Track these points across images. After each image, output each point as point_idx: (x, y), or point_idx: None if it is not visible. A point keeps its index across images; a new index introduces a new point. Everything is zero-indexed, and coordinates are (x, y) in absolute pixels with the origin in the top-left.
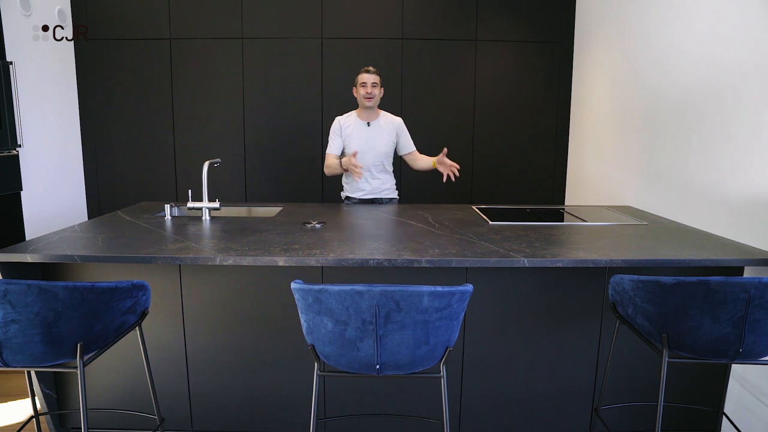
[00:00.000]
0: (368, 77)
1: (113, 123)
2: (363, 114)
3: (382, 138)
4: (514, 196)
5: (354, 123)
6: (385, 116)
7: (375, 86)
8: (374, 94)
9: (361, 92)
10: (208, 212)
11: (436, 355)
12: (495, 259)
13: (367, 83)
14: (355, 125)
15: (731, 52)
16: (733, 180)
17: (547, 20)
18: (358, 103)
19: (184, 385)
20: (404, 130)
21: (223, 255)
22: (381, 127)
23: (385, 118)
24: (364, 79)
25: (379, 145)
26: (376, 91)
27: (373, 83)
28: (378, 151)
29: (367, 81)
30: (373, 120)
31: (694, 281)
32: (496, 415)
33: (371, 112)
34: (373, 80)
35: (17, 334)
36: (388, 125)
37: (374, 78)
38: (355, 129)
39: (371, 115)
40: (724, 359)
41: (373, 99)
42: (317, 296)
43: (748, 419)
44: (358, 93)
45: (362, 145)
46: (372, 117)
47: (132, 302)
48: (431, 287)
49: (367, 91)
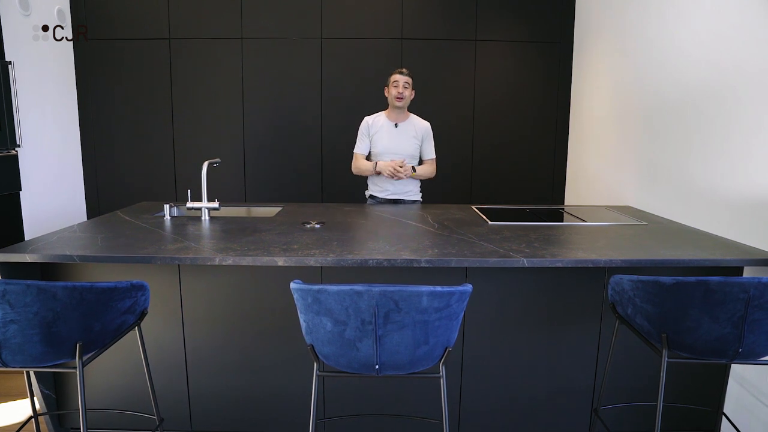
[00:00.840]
0: (401, 78)
1: (112, 123)
2: (392, 114)
3: (409, 140)
4: (514, 196)
5: (382, 123)
6: (414, 119)
7: (407, 87)
8: (405, 95)
9: (393, 92)
10: (207, 212)
11: (435, 355)
12: (494, 259)
13: (399, 83)
14: (383, 125)
15: (730, 52)
16: (732, 180)
17: (547, 20)
18: (389, 103)
19: (183, 385)
20: (429, 136)
21: (223, 255)
22: (408, 129)
23: (413, 121)
24: (396, 79)
25: (405, 146)
26: (407, 92)
27: (405, 84)
28: (403, 152)
29: (399, 81)
30: (401, 121)
31: (693, 281)
32: (495, 415)
33: (400, 113)
34: (405, 81)
35: (16, 334)
36: (415, 128)
37: (406, 79)
38: (382, 129)
39: (400, 117)
40: (723, 359)
41: (403, 99)
42: (316, 296)
43: (747, 419)
44: (389, 93)
45: (388, 145)
46: (401, 118)
47: (131, 302)
48: (430, 287)
49: (399, 91)
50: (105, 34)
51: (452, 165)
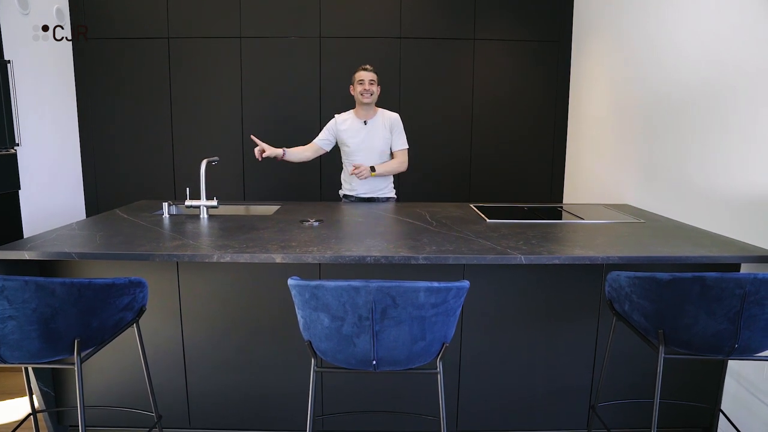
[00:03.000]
0: (366, 75)
1: (111, 122)
2: (360, 112)
3: (378, 136)
4: (512, 195)
5: (351, 122)
6: (382, 113)
7: (372, 83)
8: (372, 91)
9: (359, 89)
10: (206, 210)
11: (432, 351)
12: (492, 256)
13: (364, 80)
14: (351, 124)
15: (729, 51)
16: (730, 178)
17: (546, 19)
18: (356, 101)
19: (182, 382)
20: (398, 127)
21: (221, 252)
22: (377, 124)
23: (382, 115)
24: (361, 77)
25: (376, 143)
26: (374, 88)
27: (371, 80)
28: (374, 149)
29: (364, 78)
30: (369, 118)
31: (689, 277)
32: (493, 411)
33: (368, 110)
34: (370, 78)
35: (14, 331)
36: (383, 122)
37: (371, 75)
38: (351, 128)
39: (368, 113)
40: (719, 355)
41: (371, 96)
42: (314, 292)
43: (744, 416)
44: (355, 90)
45: (359, 144)
46: (369, 115)
47: (129, 299)
48: (427, 283)
49: (365, 88)
50: (104, 33)
51: (450, 163)
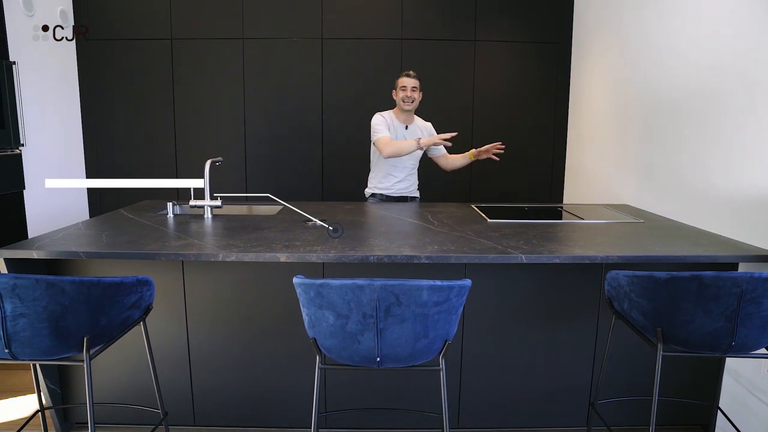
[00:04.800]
0: (408, 81)
1: (115, 122)
2: (401, 116)
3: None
4: (513, 195)
5: (395, 123)
6: (419, 121)
7: (415, 90)
8: (414, 98)
9: (401, 95)
10: (210, 210)
11: (435, 348)
12: (493, 256)
13: (407, 87)
14: (396, 126)
15: (727, 52)
16: (728, 178)
17: (546, 21)
18: (397, 105)
19: (187, 379)
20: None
21: (226, 251)
22: (416, 131)
23: (419, 123)
24: (404, 83)
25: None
26: (416, 95)
27: (413, 87)
28: (413, 154)
29: (407, 85)
30: (410, 123)
31: (687, 276)
32: (493, 409)
33: (409, 116)
34: (413, 84)
35: (25, 328)
36: (421, 131)
37: (414, 82)
38: (394, 129)
39: (408, 119)
40: (717, 353)
41: (413, 103)
42: (319, 290)
43: (742, 413)
44: (397, 96)
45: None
46: (409, 120)
47: (137, 297)
48: (430, 281)
49: (407, 95)
50: (107, 35)
51: None
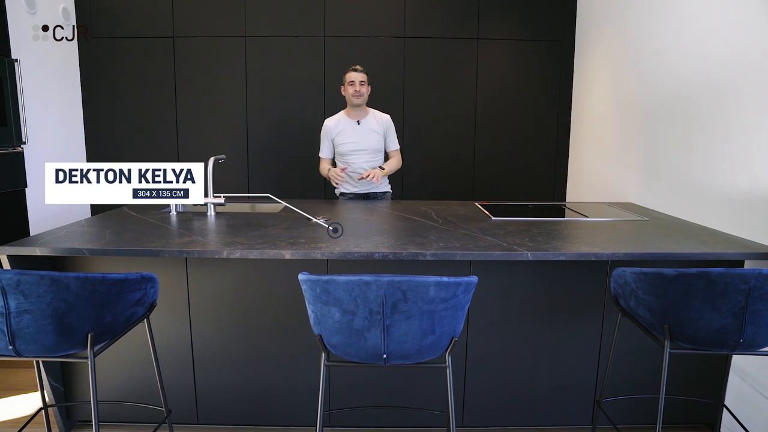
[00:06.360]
0: (356, 75)
1: (117, 120)
2: (352, 112)
3: (372, 135)
4: (516, 193)
5: (344, 123)
6: (374, 114)
7: (363, 84)
8: (362, 92)
9: (350, 90)
10: (213, 208)
11: (441, 345)
12: (499, 253)
13: (355, 81)
14: (345, 125)
15: (731, 50)
16: (733, 176)
17: (549, 19)
18: (347, 102)
19: (190, 377)
20: (391, 129)
21: (231, 248)
22: (370, 124)
23: (373, 116)
24: (352, 78)
25: (370, 142)
26: (364, 89)
27: (361, 81)
28: (369, 148)
29: (355, 79)
30: (362, 118)
31: (695, 273)
32: (498, 407)
33: (360, 111)
34: (361, 78)
35: (29, 324)
36: (377, 123)
37: (362, 76)
38: (345, 128)
39: (360, 114)
40: (724, 350)
41: (361, 97)
42: (325, 287)
43: (748, 411)
44: (346, 91)
45: (355, 144)
46: (361, 115)
47: (141, 294)
48: (437, 278)
49: (356, 89)
50: (109, 33)
51: (454, 162)
